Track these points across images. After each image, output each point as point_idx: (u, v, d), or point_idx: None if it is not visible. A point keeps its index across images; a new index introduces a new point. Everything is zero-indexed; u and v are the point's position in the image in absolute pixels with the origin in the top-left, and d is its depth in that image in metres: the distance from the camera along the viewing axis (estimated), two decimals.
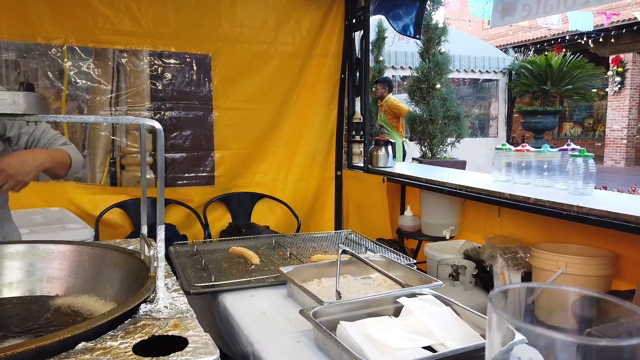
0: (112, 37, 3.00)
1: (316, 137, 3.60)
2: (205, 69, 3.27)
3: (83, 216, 2.98)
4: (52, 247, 1.26)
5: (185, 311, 0.97)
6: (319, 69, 3.54)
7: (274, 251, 1.83)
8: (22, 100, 0.85)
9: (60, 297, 1.21)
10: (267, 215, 3.50)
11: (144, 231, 1.29)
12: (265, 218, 3.47)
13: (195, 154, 3.34)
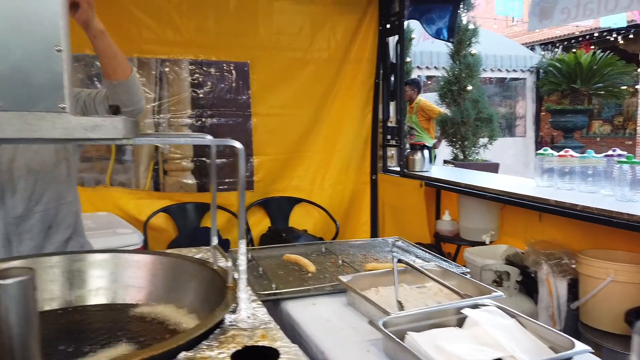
0: (155, 47, 3.09)
1: (351, 141, 3.65)
2: (243, 76, 3.35)
3: (130, 220, 3.09)
4: (133, 257, 1.33)
5: (268, 321, 1.03)
6: (353, 73, 3.58)
7: (325, 258, 1.88)
8: (121, 126, 0.91)
9: (140, 305, 1.28)
10: (304, 219, 3.56)
11: (215, 242, 1.35)
12: (302, 222, 3.53)
13: (235, 159, 3.41)
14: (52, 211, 1.53)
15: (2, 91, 0.82)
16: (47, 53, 0.83)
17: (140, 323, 1.20)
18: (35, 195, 1.48)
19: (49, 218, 1.53)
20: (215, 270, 1.27)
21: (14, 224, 1.47)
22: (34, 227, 1.50)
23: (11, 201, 1.45)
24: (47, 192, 1.51)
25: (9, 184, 1.44)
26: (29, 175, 1.46)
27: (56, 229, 1.56)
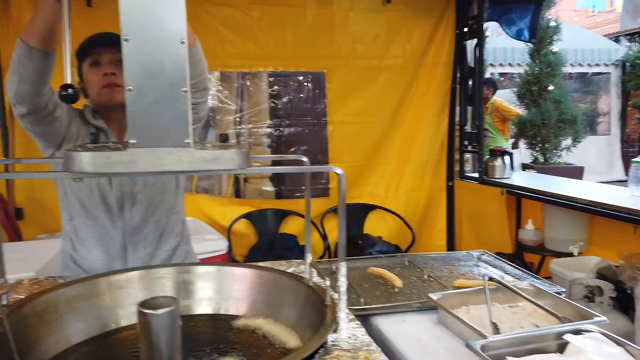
0: (237, 61, 3.24)
1: (427, 147, 3.61)
2: (320, 85, 3.42)
3: (214, 226, 3.26)
4: (235, 270, 1.42)
5: (369, 343, 1.06)
6: (429, 79, 3.55)
7: (410, 272, 1.88)
8: (237, 158, 0.99)
9: (241, 317, 1.37)
10: (379, 226, 3.57)
11: (309, 259, 1.41)
12: (377, 229, 3.54)
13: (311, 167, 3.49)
14: (164, 220, 1.65)
15: (137, 130, 0.91)
16: (174, 94, 0.92)
17: (241, 335, 1.28)
18: (151, 207, 1.61)
19: (161, 227, 1.65)
20: (311, 286, 1.33)
21: (130, 234, 1.60)
22: (148, 235, 1.63)
23: (129, 212, 1.58)
24: (161, 203, 1.63)
25: (129, 197, 1.58)
26: (146, 188, 1.58)
27: (167, 237, 1.67)
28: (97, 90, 1.51)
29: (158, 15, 0.89)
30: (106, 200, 1.56)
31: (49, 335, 1.20)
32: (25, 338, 1.13)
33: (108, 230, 1.58)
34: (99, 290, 1.36)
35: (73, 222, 1.62)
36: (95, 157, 0.89)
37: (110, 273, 1.42)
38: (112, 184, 1.55)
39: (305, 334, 1.23)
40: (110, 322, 1.33)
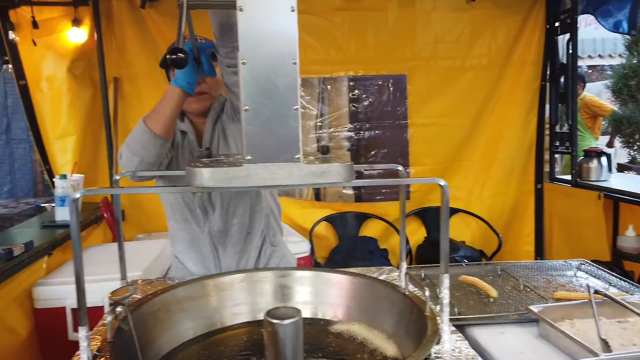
0: (319, 67, 3.30)
1: (514, 148, 3.47)
2: (401, 88, 3.40)
3: (296, 228, 3.35)
4: (330, 276, 1.46)
5: (473, 356, 1.05)
6: (516, 77, 3.41)
7: (504, 281, 1.83)
8: (343, 172, 1.02)
9: (337, 322, 1.40)
10: (462, 230, 3.49)
11: (404, 268, 1.41)
12: (460, 233, 3.46)
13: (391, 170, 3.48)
14: (247, 220, 1.72)
15: (252, 146, 0.97)
16: (287, 113, 0.97)
17: (340, 340, 1.31)
18: (231, 210, 1.68)
19: (245, 227, 1.72)
20: (407, 296, 1.34)
21: (217, 236, 1.70)
22: (234, 236, 1.71)
23: (213, 217, 1.68)
24: (241, 205, 1.69)
25: (209, 204, 1.66)
26: (224, 193, 1.66)
27: (253, 235, 1.75)
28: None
29: (274, 38, 0.94)
30: (190, 207, 1.66)
31: (162, 333, 1.31)
32: (144, 335, 1.24)
33: (197, 233, 1.69)
34: (205, 291, 1.45)
35: (171, 222, 1.76)
36: (215, 172, 0.96)
37: (215, 276, 1.51)
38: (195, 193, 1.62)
39: (403, 343, 1.24)
40: (215, 322, 1.42)
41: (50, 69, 3.04)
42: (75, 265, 0.95)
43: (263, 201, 1.77)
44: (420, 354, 1.00)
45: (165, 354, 1.27)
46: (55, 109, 3.06)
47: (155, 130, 1.43)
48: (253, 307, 1.49)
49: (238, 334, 1.39)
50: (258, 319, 1.46)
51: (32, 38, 2.93)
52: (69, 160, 3.05)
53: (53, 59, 3.04)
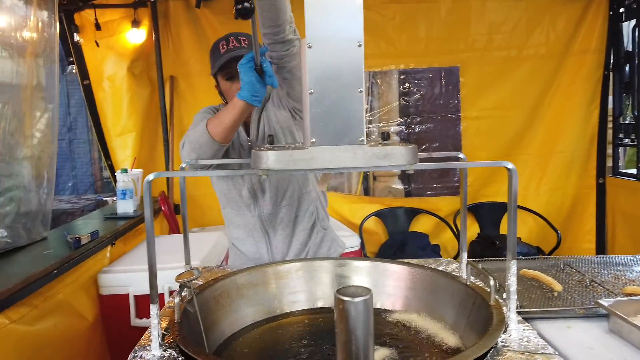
0: (369, 62, 3.28)
1: (574, 141, 3.32)
2: (453, 80, 3.33)
3: (345, 223, 3.34)
4: (389, 266, 1.45)
5: (544, 346, 1.01)
6: (576, 67, 3.25)
7: (568, 276, 1.76)
8: (407, 154, 1.00)
9: (395, 312, 1.39)
10: (518, 227, 3.35)
11: (465, 258, 1.38)
12: None
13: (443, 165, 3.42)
14: (295, 203, 1.75)
15: (316, 129, 0.97)
16: (352, 95, 0.97)
17: (398, 329, 1.30)
18: (280, 193, 1.72)
19: (294, 209, 1.76)
20: (469, 286, 1.31)
21: (267, 220, 1.74)
22: (283, 219, 1.75)
23: (262, 201, 1.71)
24: (289, 188, 1.72)
25: (259, 188, 1.70)
26: (272, 176, 1.69)
27: (302, 217, 1.78)
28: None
29: (339, 22, 0.94)
30: (241, 193, 1.71)
31: (224, 317, 1.34)
32: (207, 318, 1.27)
33: (249, 218, 1.73)
34: (264, 279, 1.47)
35: (225, 210, 1.81)
36: (281, 155, 0.97)
37: (273, 264, 1.54)
38: (244, 179, 1.68)
39: (465, 334, 1.21)
40: (274, 308, 1.44)
41: (112, 68, 3.18)
42: (147, 246, 0.99)
43: (309, 184, 1.80)
44: (487, 341, 0.98)
45: (227, 338, 1.30)
46: (116, 107, 3.20)
47: (215, 137, 1.47)
48: (310, 296, 1.50)
49: (296, 321, 1.40)
50: (316, 307, 1.47)
51: (95, 39, 3.07)
52: (129, 155, 3.18)
53: (114, 59, 3.18)
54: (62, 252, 1.91)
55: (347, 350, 0.73)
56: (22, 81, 1.91)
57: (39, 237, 2.06)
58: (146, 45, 3.23)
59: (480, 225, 3.42)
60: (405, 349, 1.17)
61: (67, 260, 1.85)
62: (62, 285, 1.87)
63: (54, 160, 2.12)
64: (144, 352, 1.02)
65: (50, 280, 1.76)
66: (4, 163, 1.84)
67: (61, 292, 1.85)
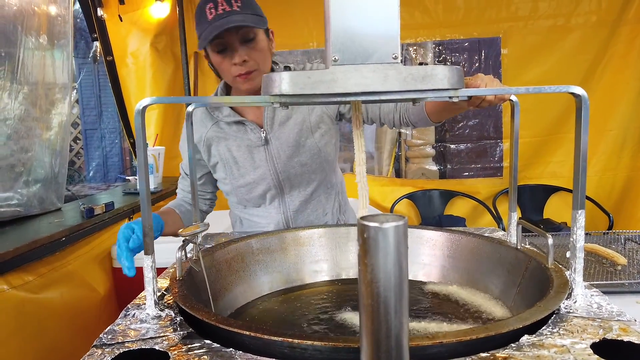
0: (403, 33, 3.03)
1: (627, 119, 3.03)
2: (494, 52, 3.10)
3: (375, 206, 3.16)
4: (424, 233, 1.27)
5: (620, 313, 0.82)
6: (631, 36, 2.96)
7: (632, 251, 1.54)
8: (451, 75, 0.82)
9: (430, 283, 1.21)
10: (563, 211, 3.11)
11: (515, 219, 1.19)
12: (561, 214, 3.09)
13: (481, 144, 3.19)
14: (323, 198, 1.57)
15: (339, 43, 0.81)
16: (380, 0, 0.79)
17: (437, 301, 1.12)
18: (309, 187, 1.53)
19: (322, 205, 1.57)
20: (519, 250, 1.12)
21: (293, 217, 1.54)
22: (310, 215, 1.56)
23: (289, 197, 1.52)
24: (315, 182, 1.53)
25: (287, 182, 1.50)
26: (303, 170, 1.49)
27: (330, 215, 1.60)
28: (230, 78, 1.38)
29: None
30: (265, 195, 1.51)
31: (237, 284, 1.19)
32: (217, 282, 1.13)
33: (273, 216, 1.54)
34: (283, 245, 1.32)
35: (235, 212, 1.63)
36: (297, 77, 0.80)
37: (293, 229, 1.38)
38: (271, 172, 1.48)
39: (515, 305, 1.03)
40: (294, 278, 1.28)
41: (135, 44, 3.09)
42: (139, 182, 0.84)
43: (335, 177, 1.61)
44: (548, 304, 0.79)
45: (242, 306, 1.15)
46: (139, 83, 3.11)
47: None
48: (334, 265, 1.34)
49: (318, 292, 1.24)
50: (340, 278, 1.30)
51: (119, 14, 2.99)
52: (152, 133, 3.08)
53: (137, 34, 3.09)
54: (73, 221, 1.81)
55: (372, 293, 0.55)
56: (36, 60, 1.81)
57: (52, 208, 1.97)
58: (170, 19, 3.13)
59: (522, 208, 3.18)
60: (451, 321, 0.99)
61: (76, 230, 1.75)
62: (74, 257, 1.77)
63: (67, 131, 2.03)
64: (137, 310, 0.87)
65: (59, 249, 1.66)
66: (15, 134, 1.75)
67: (72, 263, 1.75)
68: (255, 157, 1.47)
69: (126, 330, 0.80)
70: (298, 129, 1.46)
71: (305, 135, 1.47)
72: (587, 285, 0.95)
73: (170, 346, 0.74)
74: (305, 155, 1.47)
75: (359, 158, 1.03)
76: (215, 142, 1.49)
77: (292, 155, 1.47)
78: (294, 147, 1.46)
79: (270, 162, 1.47)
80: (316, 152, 1.48)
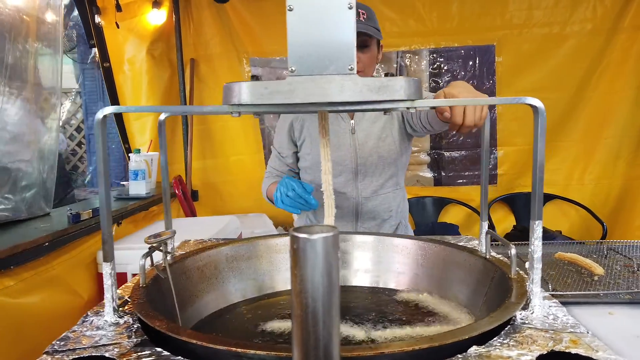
0: (397, 40, 3.09)
1: (622, 127, 3.01)
2: (488, 60, 3.09)
3: None
4: (396, 241, 1.27)
5: (574, 325, 0.81)
6: (627, 45, 2.95)
7: (611, 260, 1.52)
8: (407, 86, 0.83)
9: (402, 292, 1.21)
10: (558, 219, 3.09)
11: (485, 228, 1.19)
12: (556, 222, 3.07)
13: (476, 152, 3.18)
14: (391, 195, 1.68)
15: (297, 55, 0.82)
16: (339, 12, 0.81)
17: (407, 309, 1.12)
18: (381, 179, 1.65)
19: (389, 200, 1.67)
20: (487, 259, 1.11)
21: (362, 203, 1.65)
22: (377, 207, 1.66)
23: (362, 183, 1.63)
24: (387, 175, 1.65)
25: (363, 168, 1.62)
26: (379, 162, 1.62)
27: (394, 212, 1.69)
28: None
29: None
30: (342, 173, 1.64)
31: (209, 291, 1.19)
32: (187, 290, 1.13)
33: (343, 199, 1.63)
34: (258, 252, 1.32)
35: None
36: (254, 87, 0.81)
37: (268, 236, 1.39)
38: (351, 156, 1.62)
39: (481, 313, 1.02)
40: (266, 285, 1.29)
41: (132, 50, 3.13)
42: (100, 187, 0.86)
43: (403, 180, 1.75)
44: (501, 315, 0.79)
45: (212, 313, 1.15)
46: (135, 90, 3.14)
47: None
48: None
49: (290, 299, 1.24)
50: None
51: (116, 21, 3.02)
52: (147, 139, 3.11)
53: (134, 41, 3.12)
54: (60, 226, 1.82)
55: (301, 303, 0.55)
56: (23, 61, 1.84)
57: (40, 213, 1.99)
58: (166, 26, 3.17)
59: (516, 217, 3.16)
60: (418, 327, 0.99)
61: (61, 235, 1.76)
62: (59, 261, 1.78)
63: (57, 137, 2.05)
64: (96, 317, 0.88)
65: (43, 254, 1.68)
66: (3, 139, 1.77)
67: (57, 267, 1.76)
68: (340, 141, 1.62)
69: (80, 337, 0.80)
70: (382, 126, 1.62)
71: (387, 133, 1.62)
72: (547, 295, 0.94)
73: (120, 353, 0.74)
74: (384, 149, 1.62)
75: (325, 167, 1.04)
76: (309, 122, 1.65)
77: (373, 147, 1.61)
78: (375, 140, 1.61)
79: (353, 147, 1.62)
80: (393, 149, 1.62)
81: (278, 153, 1.76)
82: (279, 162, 1.77)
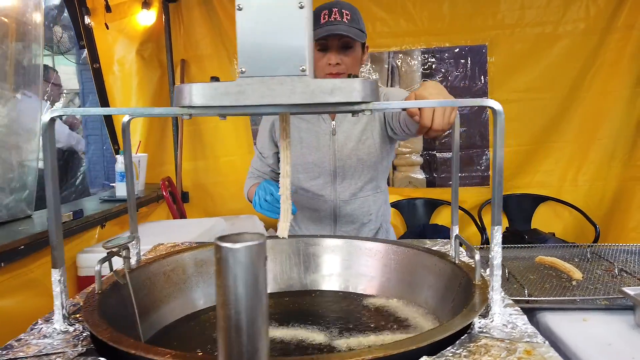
0: (388, 40, 3.06)
1: (617, 127, 2.97)
2: (480, 60, 3.06)
3: None
4: (366, 244, 1.25)
5: (532, 334, 0.79)
6: (621, 44, 2.91)
7: (592, 265, 1.49)
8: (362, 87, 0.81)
9: (372, 297, 1.19)
10: (551, 221, 3.05)
11: (456, 232, 1.16)
12: (549, 224, 3.03)
13: (468, 153, 3.15)
14: (371, 198, 1.67)
15: (247, 56, 0.80)
16: (290, 11, 0.79)
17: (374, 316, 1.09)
18: (360, 182, 1.63)
19: (368, 204, 1.66)
20: (456, 264, 1.09)
21: (341, 206, 1.64)
22: (356, 210, 1.65)
23: (341, 186, 1.63)
24: (367, 179, 1.64)
25: (342, 170, 1.61)
26: (358, 164, 1.61)
27: (374, 216, 1.68)
28: (322, 75, 1.54)
29: None
30: (321, 175, 1.63)
31: (175, 297, 1.17)
32: (152, 295, 1.11)
33: (321, 202, 1.64)
34: None
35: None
36: (204, 89, 0.79)
37: None
38: (330, 158, 1.61)
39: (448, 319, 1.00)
40: None
41: (121, 51, 3.11)
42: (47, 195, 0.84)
43: (385, 183, 1.74)
44: (455, 324, 0.76)
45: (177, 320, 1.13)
46: (125, 91, 3.13)
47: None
48: (276, 277, 1.32)
49: None
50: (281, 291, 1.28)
51: (105, 22, 3.01)
52: (137, 140, 3.10)
53: (124, 41, 3.11)
54: (39, 229, 1.81)
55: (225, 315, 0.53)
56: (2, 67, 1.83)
57: (22, 215, 1.97)
58: (156, 27, 3.15)
59: (509, 218, 3.13)
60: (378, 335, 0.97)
61: (40, 237, 1.74)
62: (37, 265, 1.77)
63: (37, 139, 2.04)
64: (45, 324, 0.86)
65: (19, 257, 1.66)
66: None
67: (34, 271, 1.74)
68: (320, 142, 1.62)
69: (24, 345, 0.79)
70: (362, 128, 1.60)
71: (367, 135, 1.60)
72: (510, 302, 0.92)
73: None
74: (363, 151, 1.60)
75: (284, 170, 1.02)
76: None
77: (352, 149, 1.60)
78: (355, 142, 1.60)
79: (332, 149, 1.61)
80: (373, 151, 1.61)
81: (260, 153, 1.76)
82: (261, 163, 1.76)
